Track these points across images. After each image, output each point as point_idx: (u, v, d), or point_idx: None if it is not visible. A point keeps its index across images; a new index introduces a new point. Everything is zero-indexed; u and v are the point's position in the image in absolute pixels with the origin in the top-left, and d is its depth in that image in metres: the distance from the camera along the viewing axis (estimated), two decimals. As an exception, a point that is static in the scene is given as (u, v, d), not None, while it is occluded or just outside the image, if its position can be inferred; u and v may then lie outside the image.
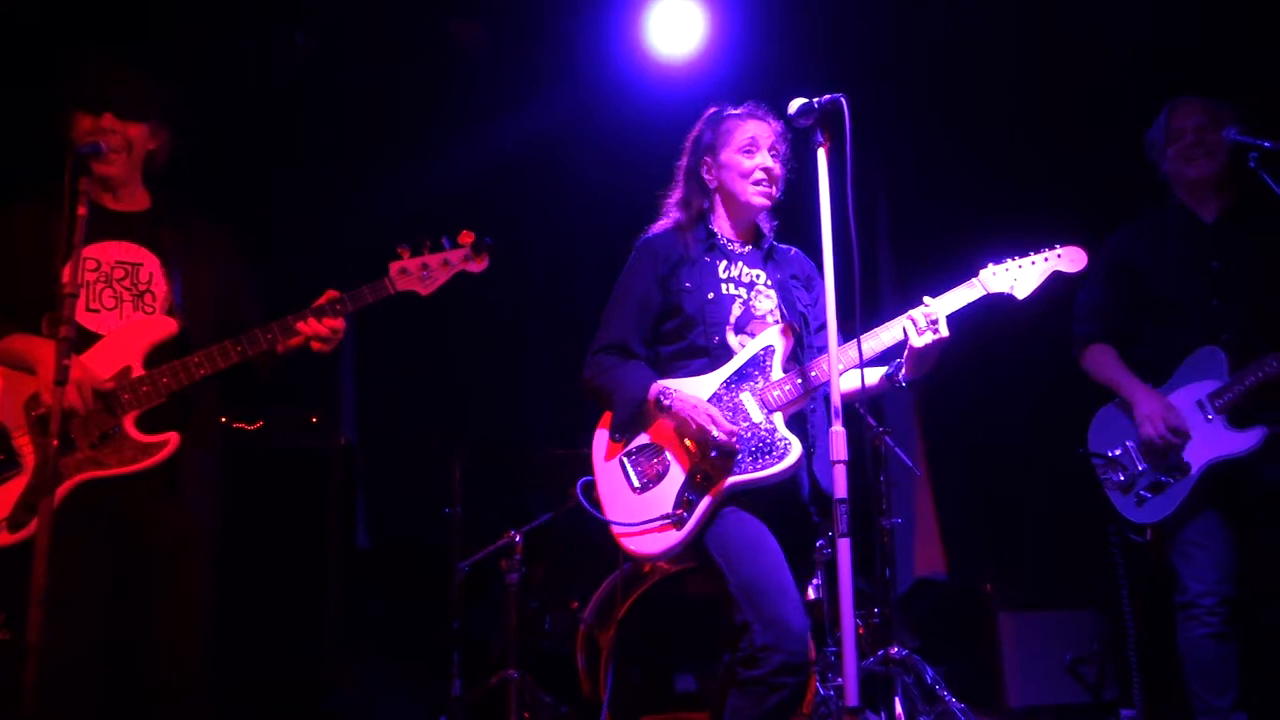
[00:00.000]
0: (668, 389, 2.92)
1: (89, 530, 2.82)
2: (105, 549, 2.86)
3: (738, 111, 3.18)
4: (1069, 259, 3.10)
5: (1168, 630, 3.53)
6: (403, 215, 2.95)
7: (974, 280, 3.03)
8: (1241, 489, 3.46)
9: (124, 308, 2.95)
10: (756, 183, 3.11)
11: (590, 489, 3.00)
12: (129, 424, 2.84)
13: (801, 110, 2.78)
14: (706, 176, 3.18)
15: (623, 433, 2.97)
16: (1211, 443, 3.45)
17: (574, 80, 5.47)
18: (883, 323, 2.98)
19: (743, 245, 3.19)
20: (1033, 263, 3.07)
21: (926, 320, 2.89)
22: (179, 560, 2.92)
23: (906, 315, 2.93)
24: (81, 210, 2.69)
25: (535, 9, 5.31)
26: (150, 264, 2.99)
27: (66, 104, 2.96)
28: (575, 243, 5.82)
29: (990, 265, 3.06)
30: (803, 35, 5.36)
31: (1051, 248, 3.10)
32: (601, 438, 3.04)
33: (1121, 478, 3.53)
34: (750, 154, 3.12)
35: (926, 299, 2.96)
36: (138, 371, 2.87)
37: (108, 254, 2.95)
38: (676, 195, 3.24)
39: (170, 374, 2.86)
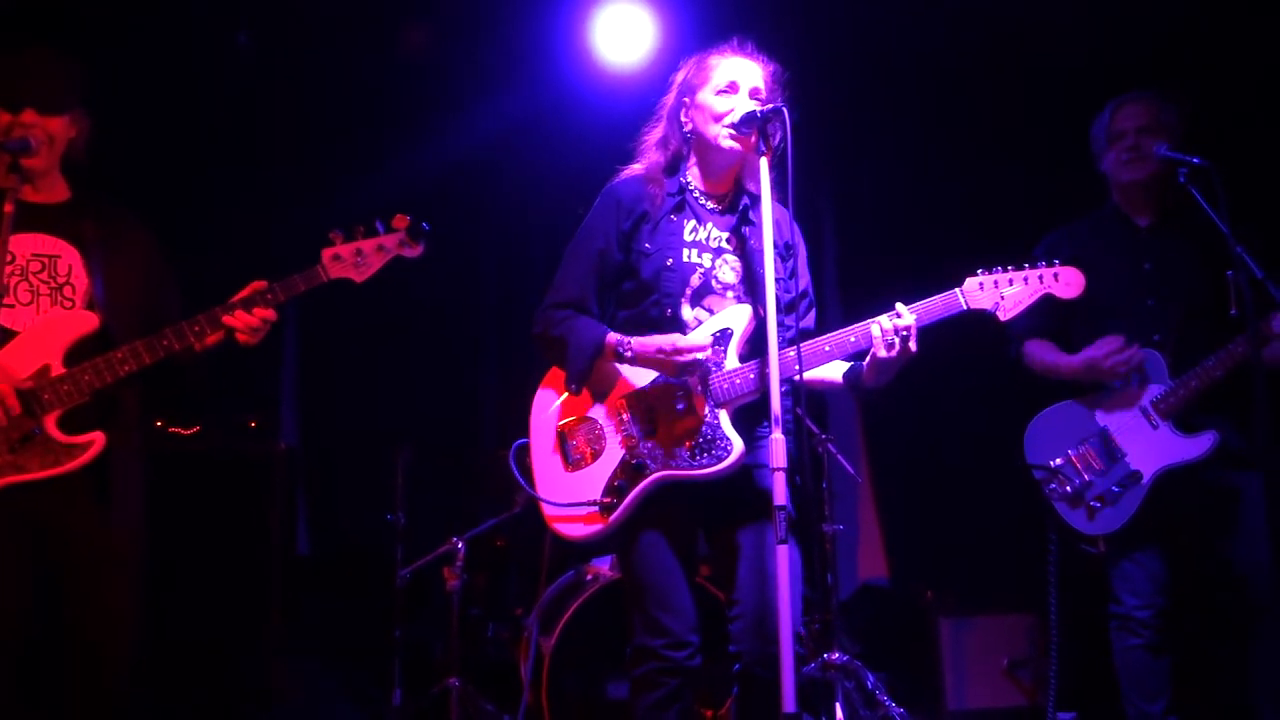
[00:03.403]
0: (625, 339, 2.79)
1: (10, 539, 2.75)
2: (27, 558, 2.79)
3: (722, 48, 2.93)
4: (1065, 282, 2.80)
5: (1104, 634, 3.57)
6: (344, 215, 2.92)
7: (956, 291, 2.76)
8: (1186, 497, 3.46)
9: (41, 302, 2.86)
10: (730, 126, 2.83)
11: (524, 454, 2.91)
12: (50, 425, 2.76)
13: (744, 119, 2.77)
14: (683, 119, 2.94)
15: (578, 384, 2.83)
16: (1161, 450, 3.44)
17: (520, 85, 5.47)
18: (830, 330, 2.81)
19: (719, 201, 2.96)
20: (1025, 280, 2.79)
21: (896, 332, 2.70)
22: (104, 570, 2.85)
23: (875, 321, 2.74)
24: (9, 208, 2.64)
25: (479, 13, 5.30)
26: (69, 256, 2.90)
27: None
28: (524, 245, 5.81)
29: (978, 275, 2.78)
30: (754, 46, 5.38)
31: (1048, 264, 2.80)
32: (544, 399, 2.93)
33: (1068, 489, 3.50)
34: (727, 96, 2.85)
35: (900, 306, 2.74)
36: (58, 370, 2.78)
37: (23, 246, 2.84)
38: (656, 134, 3.00)
39: (93, 371, 2.77)
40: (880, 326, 2.73)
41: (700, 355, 2.75)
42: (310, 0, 5.09)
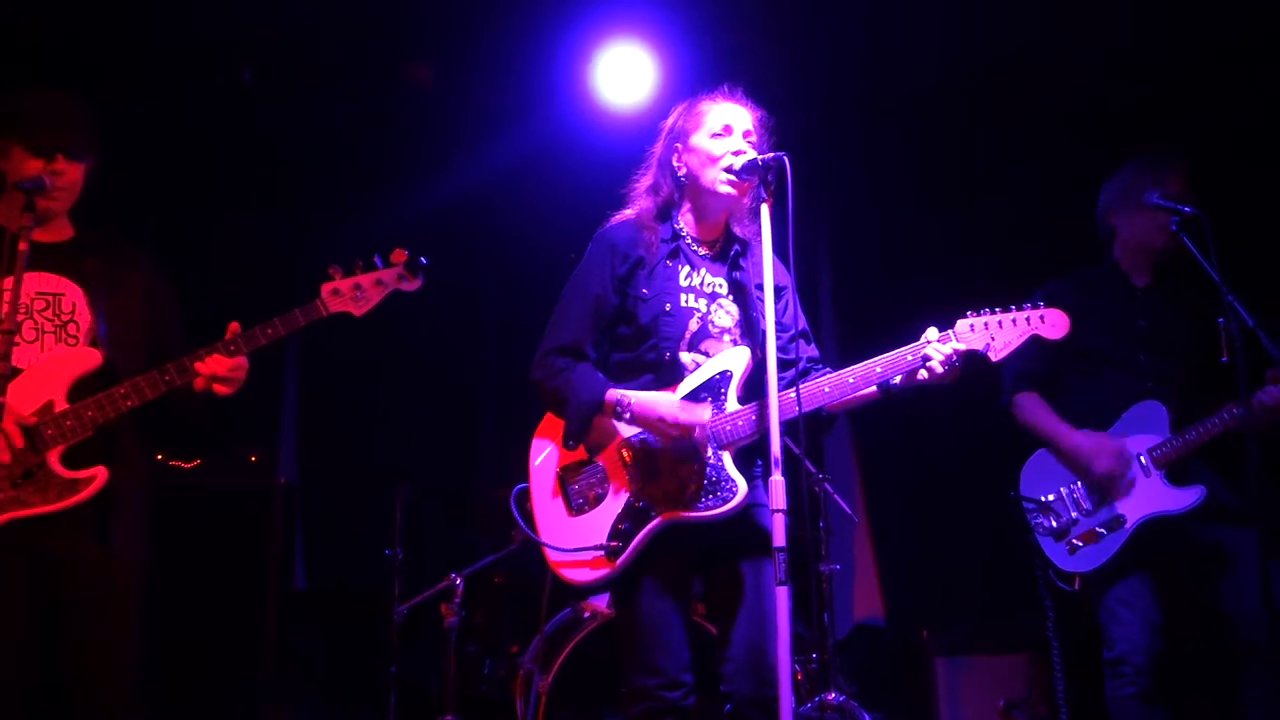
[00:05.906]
0: (624, 397, 2.80)
1: (12, 573, 2.77)
2: (28, 591, 2.80)
3: (713, 94, 2.98)
4: (1050, 323, 2.87)
5: (1098, 675, 3.57)
6: (345, 252, 2.96)
7: (949, 333, 2.83)
8: (1172, 546, 3.51)
9: (45, 339, 2.89)
10: (730, 172, 2.87)
11: (524, 499, 2.91)
12: (53, 460, 2.78)
13: (746, 168, 2.82)
14: (676, 164, 2.96)
15: (575, 440, 2.84)
16: (1149, 498, 3.50)
17: (522, 125, 5.53)
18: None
19: (710, 247, 3.00)
20: (1014, 321, 2.85)
21: (951, 354, 2.76)
22: (105, 604, 2.86)
23: (922, 349, 2.79)
24: (23, 246, 2.67)
25: (482, 54, 5.37)
26: (73, 294, 2.94)
27: (5, 139, 2.88)
28: (523, 283, 5.84)
29: (968, 316, 2.86)
30: (754, 88, 5.45)
31: (1034, 306, 2.87)
32: (541, 446, 2.93)
33: (1054, 524, 3.56)
34: (721, 139, 2.90)
35: (932, 330, 2.83)
36: (61, 406, 2.81)
37: (28, 285, 2.84)
38: (647, 180, 3.03)
39: (95, 407, 2.80)
40: (936, 347, 2.77)
41: (697, 432, 2.76)
42: (314, 40, 5.17)
